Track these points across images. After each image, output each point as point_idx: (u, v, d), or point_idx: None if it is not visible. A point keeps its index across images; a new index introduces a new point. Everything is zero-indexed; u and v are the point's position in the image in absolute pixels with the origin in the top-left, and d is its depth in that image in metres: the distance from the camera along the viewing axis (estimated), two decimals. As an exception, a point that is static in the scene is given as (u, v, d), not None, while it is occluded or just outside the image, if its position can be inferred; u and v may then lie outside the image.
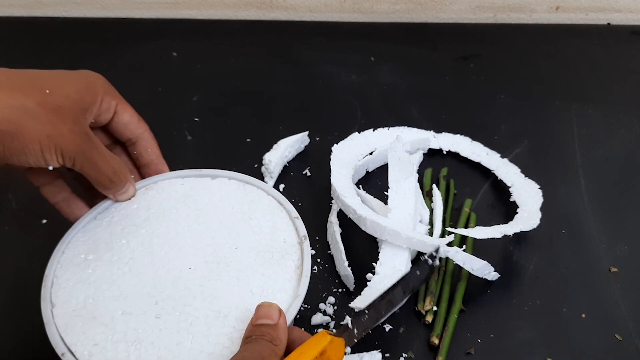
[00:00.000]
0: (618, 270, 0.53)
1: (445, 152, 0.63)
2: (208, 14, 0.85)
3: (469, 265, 0.49)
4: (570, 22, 0.85)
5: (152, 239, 0.44)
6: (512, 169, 0.60)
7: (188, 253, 0.43)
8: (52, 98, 0.40)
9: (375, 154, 0.61)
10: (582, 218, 0.57)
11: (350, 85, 0.73)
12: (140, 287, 0.41)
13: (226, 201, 0.47)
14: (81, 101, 0.42)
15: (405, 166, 0.52)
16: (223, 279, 0.42)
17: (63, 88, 0.41)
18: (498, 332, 0.48)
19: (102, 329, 0.39)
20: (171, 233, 0.45)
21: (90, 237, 0.45)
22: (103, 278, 0.42)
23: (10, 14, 0.84)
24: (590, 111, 0.69)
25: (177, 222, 0.46)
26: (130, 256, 0.43)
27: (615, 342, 0.48)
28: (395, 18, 0.85)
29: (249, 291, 0.41)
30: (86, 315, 0.40)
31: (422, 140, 0.63)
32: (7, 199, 0.59)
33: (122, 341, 0.38)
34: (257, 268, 0.43)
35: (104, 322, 0.39)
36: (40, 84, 0.40)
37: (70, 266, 0.43)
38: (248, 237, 0.45)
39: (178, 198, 0.47)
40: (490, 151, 0.62)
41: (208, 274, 0.42)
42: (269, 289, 0.42)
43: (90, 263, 0.43)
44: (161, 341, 0.38)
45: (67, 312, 0.40)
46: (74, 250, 0.44)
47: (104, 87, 0.44)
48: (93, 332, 0.39)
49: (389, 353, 0.47)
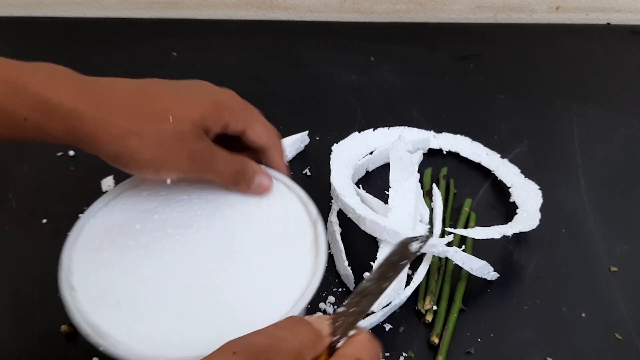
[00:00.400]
0: (618, 269, 0.53)
1: (445, 152, 0.63)
2: (208, 14, 0.85)
3: (468, 265, 0.49)
4: (570, 22, 0.85)
5: (165, 223, 0.45)
6: (512, 169, 0.60)
7: (202, 236, 0.44)
8: (175, 126, 0.41)
9: (375, 153, 0.61)
10: (582, 218, 0.57)
11: (350, 85, 0.73)
12: (158, 270, 0.42)
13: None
14: (203, 124, 0.42)
15: (406, 166, 0.52)
16: (239, 261, 0.42)
17: (187, 113, 0.42)
18: (498, 332, 0.48)
19: (125, 310, 0.39)
20: (184, 218, 0.45)
21: (104, 223, 0.45)
22: (121, 262, 0.42)
23: (10, 14, 0.84)
24: (590, 111, 0.69)
25: (189, 207, 0.46)
26: (145, 240, 0.44)
27: (615, 341, 0.48)
28: (395, 18, 0.85)
29: (265, 271, 0.42)
30: (108, 298, 0.40)
31: (423, 140, 0.63)
32: (7, 199, 0.59)
33: (146, 322, 0.39)
34: (272, 249, 0.43)
35: (126, 304, 0.40)
36: (163, 111, 0.41)
37: (86, 251, 0.43)
38: (261, 220, 0.45)
39: (188, 183, 0.48)
40: (490, 151, 0.62)
41: (224, 256, 0.43)
42: (287, 268, 0.42)
43: (106, 248, 0.43)
44: (185, 322, 0.39)
45: (89, 296, 0.40)
46: (88, 236, 0.44)
47: (230, 110, 0.45)
48: (117, 314, 0.39)
49: (389, 352, 0.47)
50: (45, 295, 0.51)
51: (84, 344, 0.48)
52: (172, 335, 0.38)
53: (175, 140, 0.41)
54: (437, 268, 0.51)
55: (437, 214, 0.55)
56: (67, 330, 0.48)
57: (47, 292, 0.51)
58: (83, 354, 0.47)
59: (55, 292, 0.51)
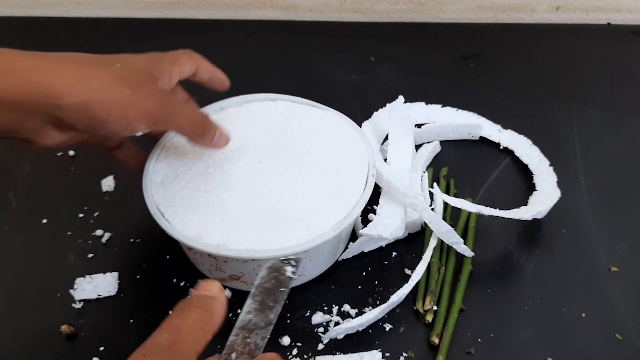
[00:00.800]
0: (618, 269, 0.53)
1: (502, 147, 0.64)
2: (208, 14, 0.85)
3: (435, 225, 0.51)
4: (570, 22, 0.85)
5: (231, 152, 0.50)
6: (553, 178, 0.59)
7: (268, 160, 0.50)
8: (123, 70, 0.42)
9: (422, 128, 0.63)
10: (582, 218, 0.57)
11: (350, 85, 0.73)
12: (231, 184, 0.48)
13: (296, 119, 0.54)
14: (149, 70, 0.44)
15: (405, 124, 0.56)
16: (304, 179, 0.49)
17: (130, 62, 0.44)
18: (498, 332, 0.48)
19: (201, 206, 0.47)
20: (251, 146, 0.51)
21: (171, 159, 0.51)
22: (197, 177, 0.49)
23: (10, 14, 0.84)
24: (590, 111, 0.69)
25: (251, 137, 0.52)
26: (215, 165, 0.49)
27: (615, 341, 0.48)
28: (395, 18, 0.85)
29: (324, 182, 0.49)
30: (190, 205, 0.47)
31: (472, 126, 0.64)
32: (7, 199, 0.59)
33: (217, 220, 0.46)
34: (331, 167, 0.50)
35: (201, 203, 0.47)
36: (109, 61, 0.43)
37: (164, 169, 0.50)
38: (321, 147, 0.51)
39: (246, 119, 0.54)
40: (543, 158, 0.61)
41: (289, 177, 0.49)
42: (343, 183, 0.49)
43: (181, 171, 0.49)
44: (253, 223, 0.46)
45: (167, 192, 0.48)
46: (161, 167, 0.50)
47: (169, 59, 0.47)
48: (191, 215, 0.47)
49: (389, 352, 0.47)
50: (45, 295, 0.51)
51: (84, 344, 0.48)
52: (236, 231, 0.45)
53: (130, 81, 0.42)
54: (437, 268, 0.51)
55: (437, 213, 0.55)
56: (67, 330, 0.48)
57: (47, 292, 0.51)
58: (83, 354, 0.47)
59: (55, 292, 0.51)
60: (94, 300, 0.51)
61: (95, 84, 0.40)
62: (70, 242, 0.55)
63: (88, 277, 0.52)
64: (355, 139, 0.53)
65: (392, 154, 0.56)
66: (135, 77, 0.43)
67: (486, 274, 0.52)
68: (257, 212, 0.46)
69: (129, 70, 0.43)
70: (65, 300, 0.50)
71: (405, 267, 0.53)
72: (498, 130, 0.65)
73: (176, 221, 0.46)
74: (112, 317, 0.50)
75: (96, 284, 0.51)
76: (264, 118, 0.54)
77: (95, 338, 0.48)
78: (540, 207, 0.54)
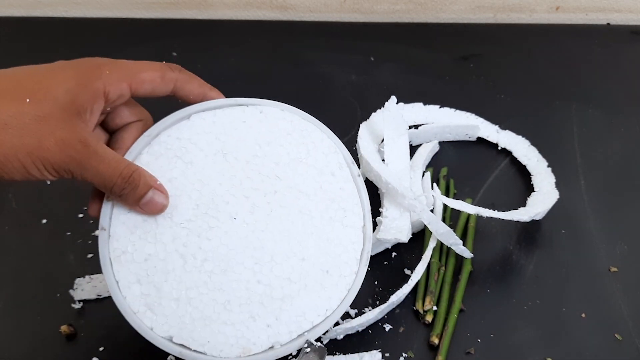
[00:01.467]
0: (618, 269, 0.53)
1: (500, 148, 0.64)
2: (208, 14, 0.85)
3: (434, 227, 0.50)
4: (570, 22, 0.85)
5: (198, 205, 0.43)
6: (551, 179, 0.59)
7: (244, 212, 0.43)
8: (34, 107, 0.35)
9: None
10: (582, 218, 0.57)
11: (350, 85, 0.73)
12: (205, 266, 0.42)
13: (271, 130, 0.48)
14: (73, 103, 0.37)
15: (399, 124, 0.56)
16: (289, 240, 0.44)
17: (48, 92, 0.36)
18: (498, 332, 0.48)
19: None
20: (222, 192, 0.44)
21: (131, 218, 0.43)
22: (163, 253, 0.42)
23: (10, 14, 0.84)
24: (590, 111, 0.69)
25: (218, 172, 0.44)
26: (186, 235, 0.43)
27: (615, 341, 0.48)
28: (395, 18, 0.85)
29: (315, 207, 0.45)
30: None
31: (469, 127, 0.64)
32: (7, 199, 0.59)
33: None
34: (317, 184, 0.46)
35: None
36: (21, 91, 0.36)
37: (124, 235, 0.42)
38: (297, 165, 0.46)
39: (211, 139, 0.46)
40: (541, 158, 0.61)
41: (271, 240, 0.44)
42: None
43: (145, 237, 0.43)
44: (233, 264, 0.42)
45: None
46: (121, 231, 0.44)
47: (106, 75, 0.38)
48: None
49: (389, 353, 0.47)
50: (45, 295, 0.51)
51: (83, 344, 0.48)
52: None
53: (37, 125, 0.35)
54: (437, 268, 0.51)
55: (437, 214, 0.55)
56: (66, 330, 0.48)
57: (47, 292, 0.51)
58: (83, 354, 0.47)
59: (55, 292, 0.51)
60: (94, 301, 0.50)
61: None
62: (70, 242, 0.55)
63: (88, 277, 0.52)
64: (323, 145, 0.48)
65: (389, 154, 0.56)
66: (45, 120, 0.35)
67: (486, 274, 0.52)
68: (237, 303, 0.41)
69: (40, 108, 0.35)
70: (65, 300, 0.50)
71: (405, 267, 0.53)
72: (496, 131, 0.64)
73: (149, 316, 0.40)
74: (112, 317, 0.49)
75: (96, 284, 0.51)
76: (230, 138, 0.45)
77: (95, 338, 0.48)
78: (538, 209, 0.54)
